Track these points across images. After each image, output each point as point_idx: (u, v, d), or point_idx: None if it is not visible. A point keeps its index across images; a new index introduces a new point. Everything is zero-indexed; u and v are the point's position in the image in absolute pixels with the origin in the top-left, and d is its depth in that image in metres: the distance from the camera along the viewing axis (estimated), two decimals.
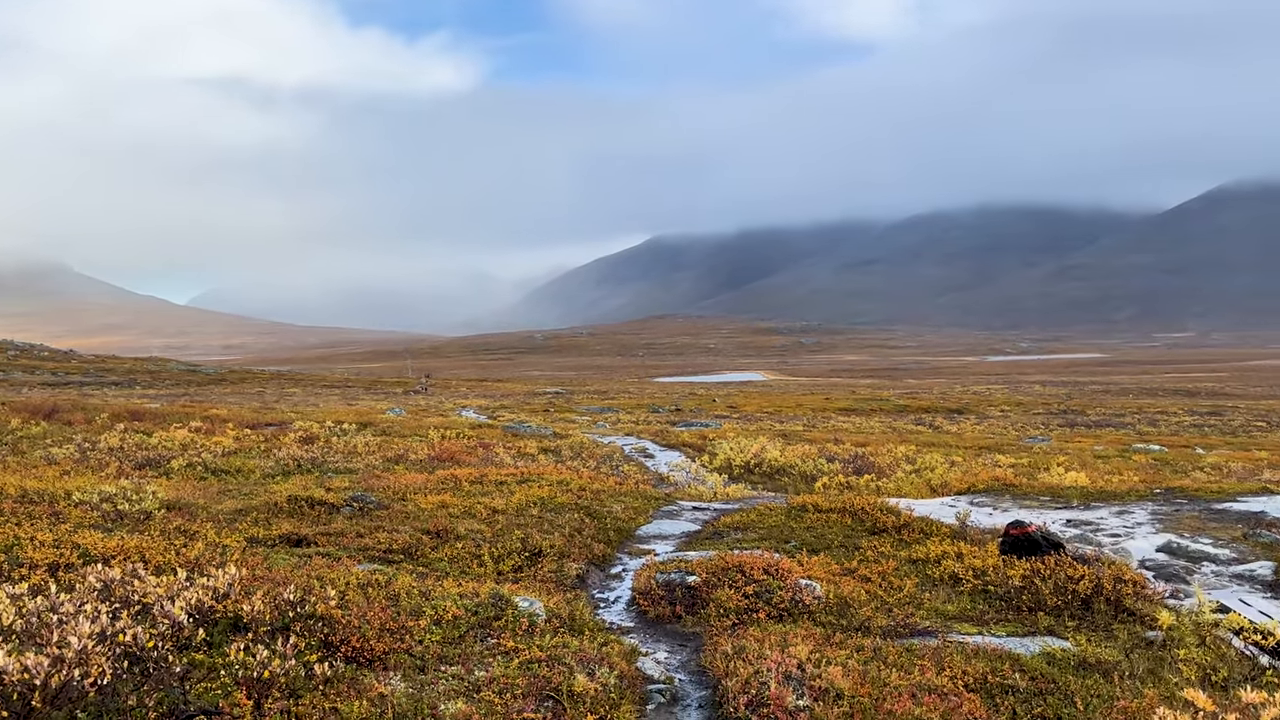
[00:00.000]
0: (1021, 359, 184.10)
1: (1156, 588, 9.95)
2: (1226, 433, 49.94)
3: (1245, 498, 15.68)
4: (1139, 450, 33.30)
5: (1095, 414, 61.70)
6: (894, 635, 8.35)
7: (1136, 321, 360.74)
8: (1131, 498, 15.76)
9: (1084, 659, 7.66)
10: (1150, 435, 45.34)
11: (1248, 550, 11.78)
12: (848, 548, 11.60)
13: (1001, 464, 25.68)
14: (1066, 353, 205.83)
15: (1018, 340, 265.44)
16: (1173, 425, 53.87)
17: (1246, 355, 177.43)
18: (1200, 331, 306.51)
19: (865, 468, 23.59)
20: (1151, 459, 30.10)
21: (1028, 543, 10.29)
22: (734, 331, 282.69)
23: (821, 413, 58.82)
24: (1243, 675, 7.57)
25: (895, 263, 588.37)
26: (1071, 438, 43.67)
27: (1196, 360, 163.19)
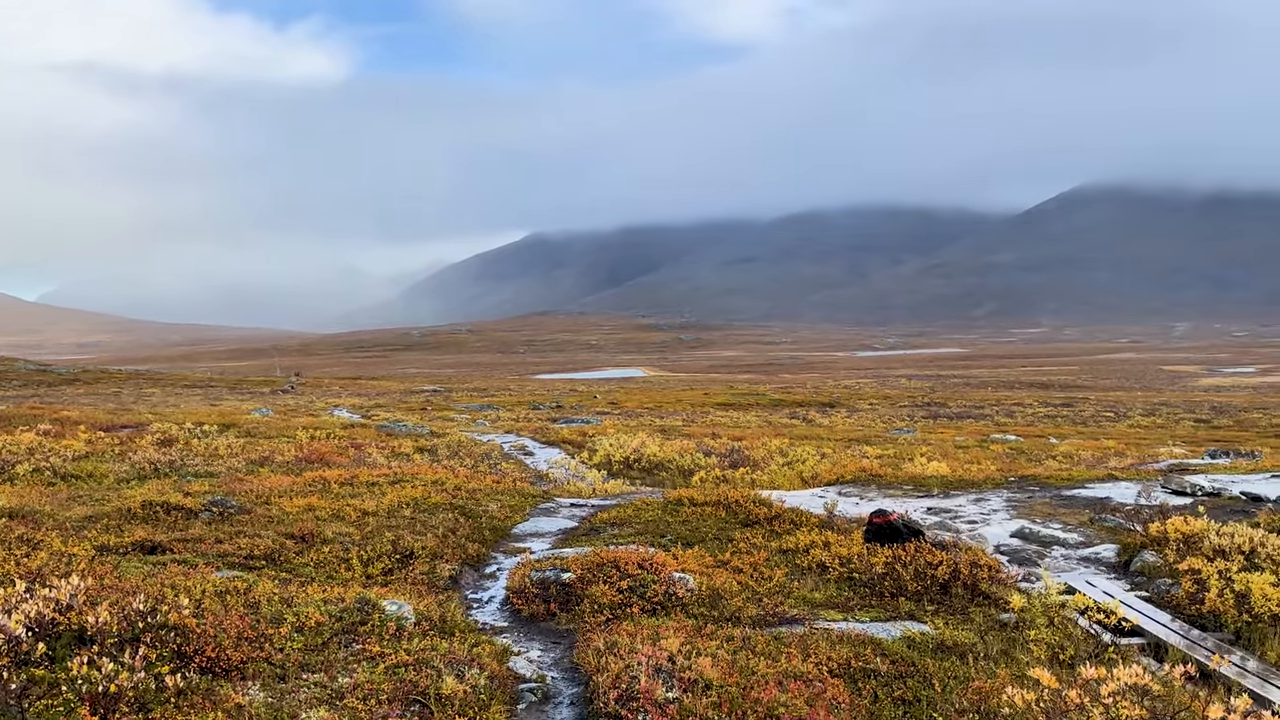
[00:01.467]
0: (889, 354, 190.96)
1: (1010, 571, 10.45)
2: (1078, 423, 52.92)
3: (1093, 485, 16.64)
4: (997, 440, 34.97)
5: (957, 406, 64.45)
6: (763, 624, 8.52)
7: (995, 317, 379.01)
8: (988, 486, 16.52)
9: (942, 642, 7.98)
10: (1007, 426, 47.67)
11: (1094, 534, 12.50)
12: (721, 540, 11.77)
13: (869, 455, 26.55)
14: (931, 348, 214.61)
15: (886, 336, 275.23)
16: (1028, 416, 56.75)
17: (1096, 349, 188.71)
18: (1054, 327, 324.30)
19: (741, 461, 24.04)
20: (1008, 448, 31.65)
21: (890, 531, 10.66)
22: (616, 328, 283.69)
23: (701, 408, 59.60)
24: (1087, 653, 8.01)
25: (772, 260, 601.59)
26: (935, 429, 45.53)
27: (1050, 354, 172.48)
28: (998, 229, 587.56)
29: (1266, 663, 7.92)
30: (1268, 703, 6.95)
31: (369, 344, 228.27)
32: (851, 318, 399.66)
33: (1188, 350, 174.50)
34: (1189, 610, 9.08)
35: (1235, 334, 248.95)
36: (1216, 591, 8.80)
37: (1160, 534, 10.75)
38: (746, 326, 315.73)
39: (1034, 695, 5.58)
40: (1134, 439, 38.62)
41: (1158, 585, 9.91)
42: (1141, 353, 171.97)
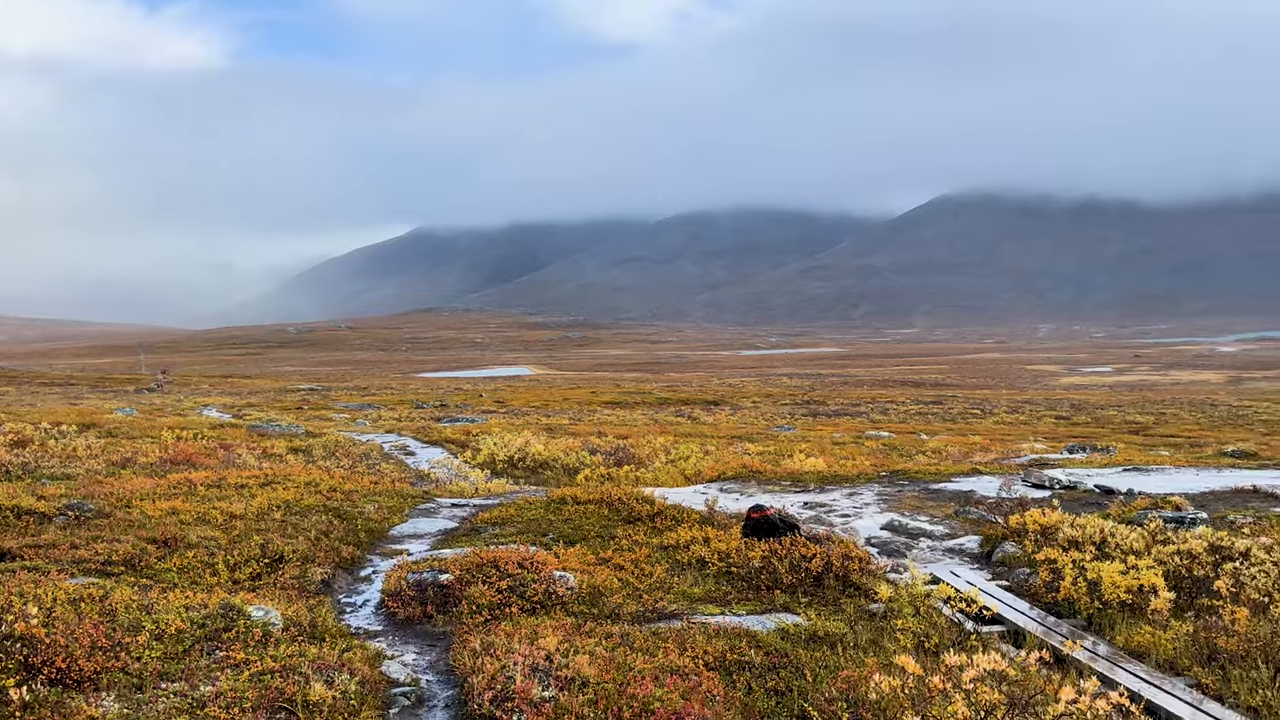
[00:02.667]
0: (772, 353, 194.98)
1: (880, 563, 10.81)
2: (947, 420, 55.13)
3: (958, 478, 17.36)
4: (871, 437, 36.11)
5: (835, 404, 66.29)
6: (643, 620, 8.57)
7: (872, 318, 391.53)
8: (861, 481, 17.04)
9: (814, 633, 8.19)
10: (882, 423, 49.30)
11: (958, 526, 13.03)
12: (604, 538, 11.81)
13: (751, 452, 27.04)
14: (811, 347, 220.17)
15: (769, 335, 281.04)
16: (901, 413, 58.81)
17: (965, 349, 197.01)
18: (926, 328, 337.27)
19: (626, 459, 24.14)
20: (882, 444, 32.71)
21: (767, 525, 10.87)
22: (502, 326, 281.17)
23: (587, 406, 59.63)
24: (951, 640, 8.33)
25: (659, 260, 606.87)
26: (814, 426, 46.73)
27: (922, 354, 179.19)
28: (874, 233, 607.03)
29: (1116, 647, 8.39)
30: (1115, 684, 7.36)
31: (242, 341, 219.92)
32: (736, 317, 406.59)
33: (1050, 351, 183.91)
34: (1046, 598, 9.55)
35: (1094, 335, 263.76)
36: (1071, 580, 9.28)
37: (1020, 526, 11.28)
38: (634, 325, 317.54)
39: (899, 683, 5.77)
40: (999, 435, 40.44)
41: (1017, 574, 10.39)
42: (1007, 353, 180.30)
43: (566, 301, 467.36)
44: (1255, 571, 9.35)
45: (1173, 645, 8.02)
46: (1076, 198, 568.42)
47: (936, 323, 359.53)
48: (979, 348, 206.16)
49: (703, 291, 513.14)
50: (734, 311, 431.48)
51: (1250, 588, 9.12)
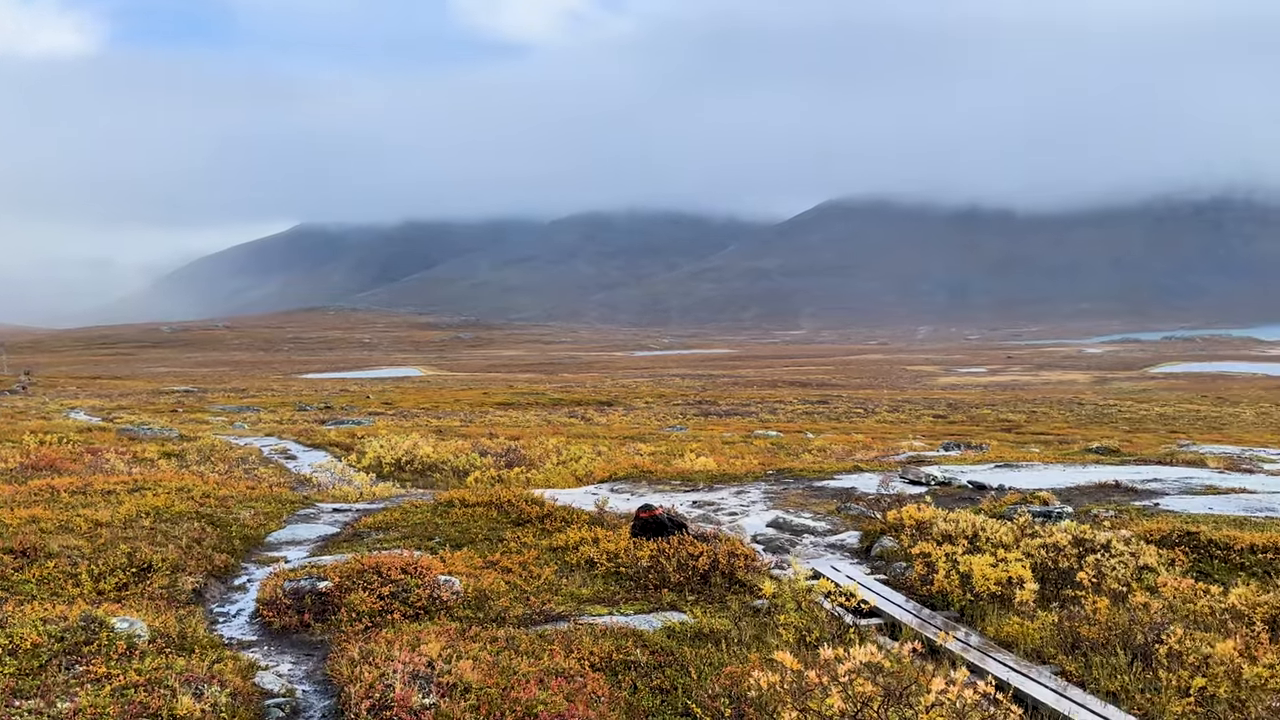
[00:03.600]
0: (665, 354, 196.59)
1: (765, 559, 11.00)
2: (832, 419, 56.54)
3: (840, 475, 17.81)
4: (760, 436, 36.75)
5: (726, 404, 67.23)
6: (530, 623, 8.51)
7: (761, 320, 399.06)
8: (749, 479, 17.32)
9: (700, 630, 8.28)
10: (770, 422, 50.23)
11: (840, 522, 13.37)
12: (492, 540, 11.68)
13: (643, 452, 27.17)
14: (703, 348, 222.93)
15: (662, 336, 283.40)
16: (789, 413, 60.06)
17: (850, 350, 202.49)
18: (813, 329, 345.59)
19: (517, 460, 23.94)
20: (770, 444, 33.31)
21: (655, 525, 10.93)
22: (391, 325, 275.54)
23: (479, 408, 58.96)
24: (831, 634, 8.53)
25: (554, 260, 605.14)
26: (705, 426, 47.29)
27: (809, 355, 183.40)
28: (764, 236, 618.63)
29: (986, 637, 8.72)
30: (985, 673, 7.65)
31: (113, 341, 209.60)
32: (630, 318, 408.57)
33: (929, 352, 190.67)
34: (921, 591, 9.87)
35: (970, 337, 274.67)
36: (944, 573, 9.62)
37: (897, 521, 11.64)
38: (527, 326, 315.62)
39: (778, 678, 5.87)
40: (881, 433, 41.67)
41: (894, 568, 10.72)
42: (889, 354, 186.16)
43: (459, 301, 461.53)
44: (1115, 563, 9.87)
45: (1039, 635, 8.39)
46: (957, 205, 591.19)
47: (823, 324, 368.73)
48: (863, 349, 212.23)
49: (598, 292, 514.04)
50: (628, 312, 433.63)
51: (1110, 578, 9.61)
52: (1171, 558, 10.59)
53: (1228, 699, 6.98)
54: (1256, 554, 10.80)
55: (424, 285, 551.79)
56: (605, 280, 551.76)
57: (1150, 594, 9.19)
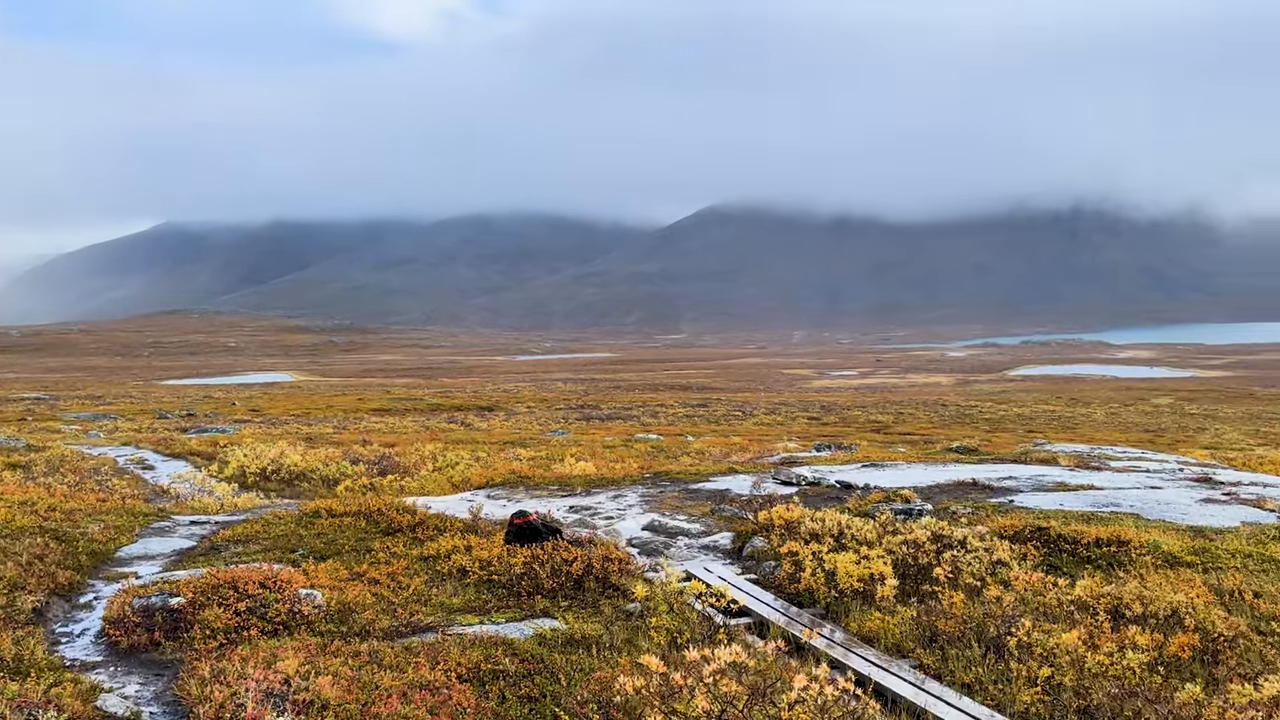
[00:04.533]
0: (547, 358, 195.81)
1: (639, 563, 11.03)
2: (712, 421, 57.37)
3: (716, 478, 18.05)
4: (640, 440, 36.96)
5: (608, 408, 67.41)
6: (396, 635, 8.30)
7: (643, 325, 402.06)
8: (627, 483, 17.37)
9: (572, 636, 8.23)
10: (651, 426, 50.62)
11: (714, 524, 13.53)
12: (360, 551, 11.36)
13: (522, 457, 26.95)
14: (586, 352, 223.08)
15: (544, 341, 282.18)
16: (670, 416, 60.64)
17: (729, 354, 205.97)
18: (693, 333, 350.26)
19: (391, 468, 23.40)
20: (650, 447, 33.53)
21: (530, 531, 10.84)
22: (260, 329, 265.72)
23: (354, 414, 57.44)
24: (702, 635, 8.61)
25: (433, 262, 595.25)
26: (587, 430, 47.29)
27: (690, 359, 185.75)
28: (645, 241, 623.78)
29: (850, 633, 8.96)
30: (847, 669, 7.86)
31: None
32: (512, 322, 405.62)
33: (804, 356, 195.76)
34: (789, 589, 10.07)
35: (842, 341, 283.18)
36: (810, 571, 9.84)
37: (767, 521, 11.86)
38: (406, 329, 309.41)
39: (644, 681, 5.88)
40: (758, 435, 42.52)
41: (765, 568, 10.91)
42: (767, 357, 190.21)
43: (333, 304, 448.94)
44: (971, 558, 10.29)
45: (899, 629, 8.67)
46: (830, 212, 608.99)
47: (704, 329, 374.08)
48: (742, 352, 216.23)
49: (479, 295, 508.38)
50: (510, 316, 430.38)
51: (966, 573, 10.02)
52: (1024, 552, 11.11)
53: (1072, 687, 7.34)
54: (1101, 547, 11.43)
55: (295, 287, 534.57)
56: (487, 284, 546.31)
57: (1003, 588, 9.60)
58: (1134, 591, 8.88)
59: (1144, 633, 7.96)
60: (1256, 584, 10.25)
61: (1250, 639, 8.58)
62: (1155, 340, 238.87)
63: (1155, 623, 8.42)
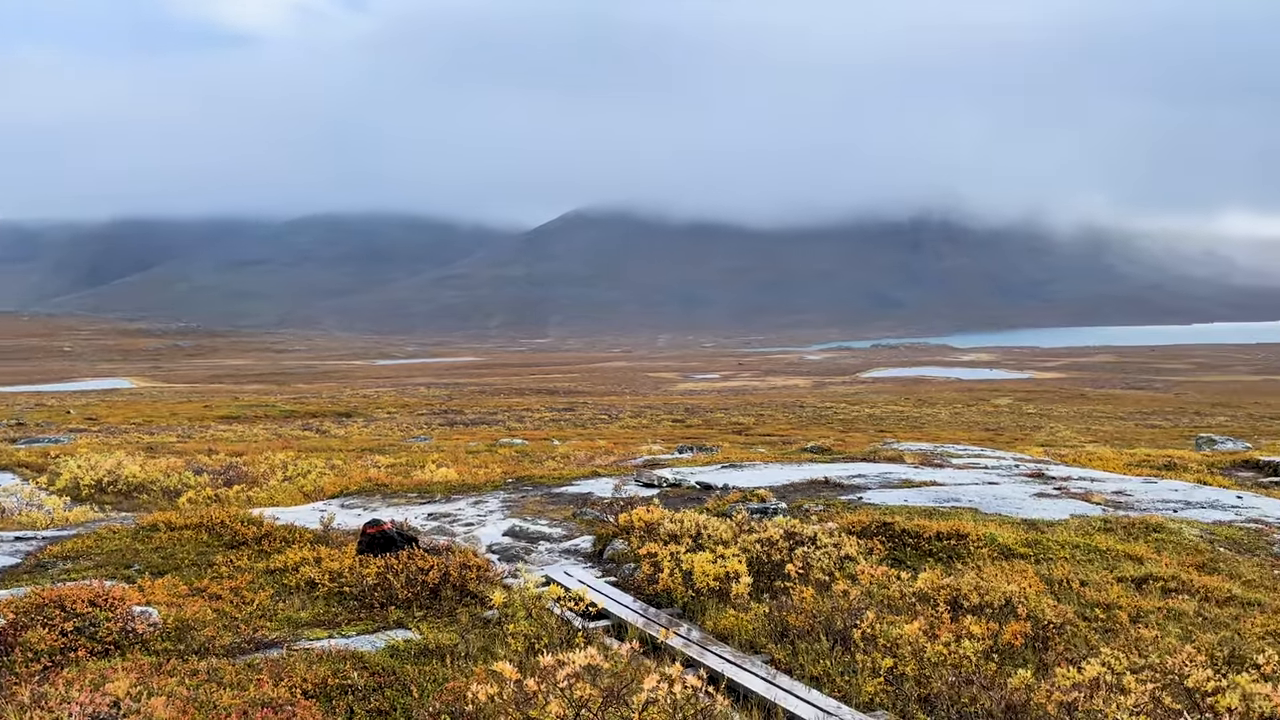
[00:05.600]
0: (409, 362, 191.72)
1: (499, 569, 10.92)
2: (578, 425, 57.40)
3: (579, 481, 18.05)
4: (505, 445, 36.63)
5: (472, 413, 66.54)
6: (238, 652, 7.94)
7: (508, 328, 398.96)
8: (488, 488, 17.17)
9: (426, 646, 8.06)
10: (517, 430, 50.25)
11: (575, 527, 13.53)
12: (201, 565, 10.84)
13: (380, 464, 26.28)
14: (449, 356, 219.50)
15: (405, 344, 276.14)
16: (536, 421, 60.36)
17: (595, 358, 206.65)
18: (559, 337, 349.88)
19: (238, 478, 22.41)
20: (515, 452, 33.26)
21: (384, 540, 10.57)
22: (97, 333, 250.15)
23: (200, 422, 54.80)
24: (560, 639, 8.58)
25: (287, 263, 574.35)
26: (451, 435, 46.53)
27: (556, 363, 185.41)
28: (509, 244, 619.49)
29: (706, 631, 9.10)
30: (701, 666, 7.97)
31: None
32: (371, 326, 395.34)
33: (669, 359, 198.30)
34: (648, 590, 10.15)
35: (705, 345, 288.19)
36: (668, 572, 9.95)
37: (628, 523, 11.93)
38: (257, 333, 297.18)
39: (497, 689, 5.81)
40: (623, 439, 42.77)
41: (624, 570, 10.97)
42: (633, 361, 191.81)
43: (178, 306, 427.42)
44: (820, 554, 10.62)
45: (752, 626, 8.86)
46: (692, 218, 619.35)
47: (569, 333, 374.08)
48: (608, 356, 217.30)
49: (335, 297, 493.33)
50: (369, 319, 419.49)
51: (816, 569, 10.33)
52: (870, 547, 11.54)
53: (914, 676, 7.66)
54: (942, 541, 11.99)
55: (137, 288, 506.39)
56: (344, 286, 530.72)
57: (851, 582, 9.95)
58: (971, 582, 9.34)
59: (980, 622, 8.38)
60: (1083, 573, 10.95)
61: (1077, 625, 9.16)
62: (995, 344, 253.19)
63: (991, 612, 8.88)
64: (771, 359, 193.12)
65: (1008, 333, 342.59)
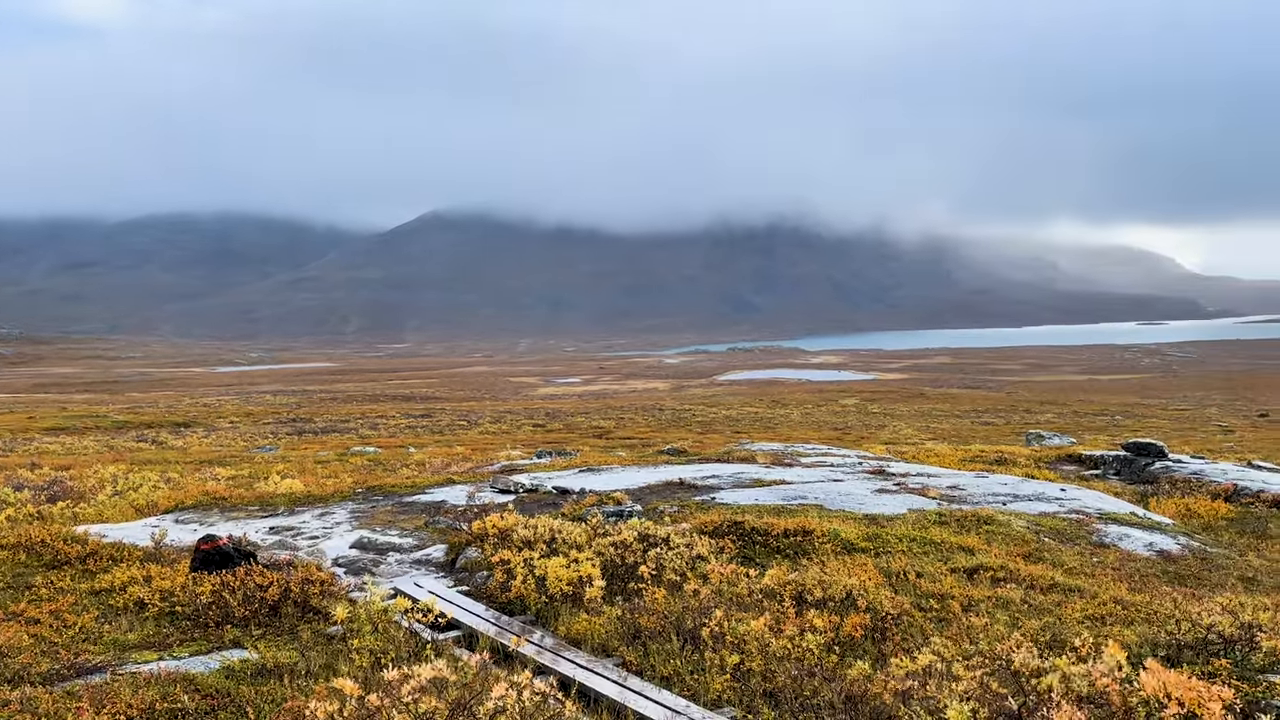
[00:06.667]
0: (254, 369, 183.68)
1: (345, 582, 10.57)
2: (436, 432, 56.32)
3: (433, 489, 17.70)
4: (357, 453, 35.58)
5: (323, 421, 64.37)
6: (57, 679, 7.41)
7: (364, 333, 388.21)
8: (336, 499, 16.62)
9: (264, 666, 7.72)
10: (371, 438, 48.88)
11: (427, 537, 13.24)
12: (18, 588, 10.10)
13: (221, 477, 25.13)
14: (298, 362, 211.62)
15: (251, 350, 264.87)
16: (391, 428, 58.88)
17: (455, 363, 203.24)
18: (417, 342, 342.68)
19: (64, 493, 20.95)
20: (367, 460, 32.36)
21: (220, 556, 10.09)
22: None
23: (23, 434, 51.02)
24: (409, 653, 8.36)
25: (122, 266, 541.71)
26: (299, 445, 44.85)
27: (414, 368, 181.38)
28: (366, 246, 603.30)
29: (559, 637, 9.05)
30: (554, 672, 7.93)
31: None
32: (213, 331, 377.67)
33: (530, 364, 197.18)
34: (501, 598, 10.03)
35: (567, 349, 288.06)
36: (521, 578, 9.86)
37: (481, 531, 11.77)
38: (87, 339, 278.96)
39: (336, 706, 5.62)
40: (482, 445, 42.25)
41: (478, 578, 10.81)
42: (493, 366, 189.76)
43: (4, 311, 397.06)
44: (673, 555, 10.74)
45: (605, 629, 8.87)
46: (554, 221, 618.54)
47: (428, 337, 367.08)
48: (468, 361, 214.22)
49: (176, 302, 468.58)
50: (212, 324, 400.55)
51: (669, 569, 10.44)
52: (722, 546, 11.77)
53: (760, 671, 7.83)
54: (789, 537, 12.34)
55: None
56: (185, 289, 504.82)
57: (702, 581, 10.10)
58: (815, 577, 9.63)
59: (823, 615, 8.66)
60: (919, 565, 11.46)
61: (913, 615, 9.57)
62: (844, 346, 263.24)
63: (833, 605, 9.18)
64: (632, 362, 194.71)
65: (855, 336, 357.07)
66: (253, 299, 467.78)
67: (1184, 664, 7.91)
